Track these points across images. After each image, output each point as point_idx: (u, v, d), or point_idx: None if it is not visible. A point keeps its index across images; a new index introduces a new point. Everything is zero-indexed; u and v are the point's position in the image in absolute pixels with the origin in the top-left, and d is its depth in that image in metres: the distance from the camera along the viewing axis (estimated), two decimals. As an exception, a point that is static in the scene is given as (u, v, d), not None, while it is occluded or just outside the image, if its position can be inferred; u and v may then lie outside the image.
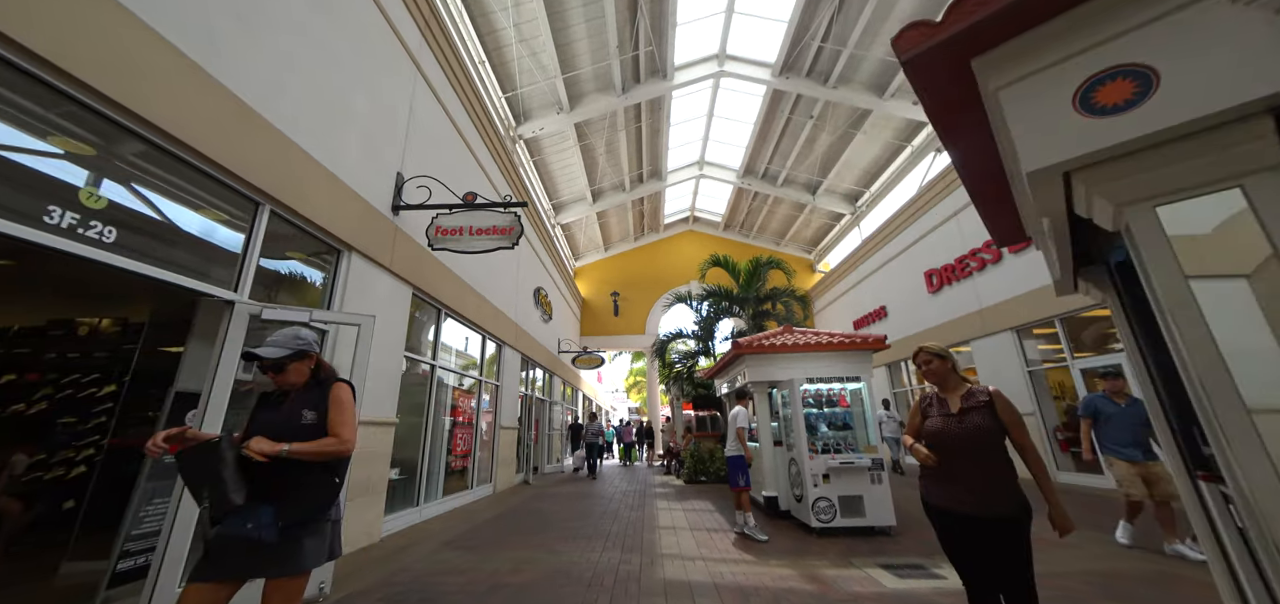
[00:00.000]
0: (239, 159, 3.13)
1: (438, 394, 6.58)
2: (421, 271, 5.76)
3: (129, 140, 2.62)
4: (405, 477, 5.68)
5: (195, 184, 3.04)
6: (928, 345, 2.15)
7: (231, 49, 3.14)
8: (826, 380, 5.38)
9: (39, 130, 2.29)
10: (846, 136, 13.09)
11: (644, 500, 7.52)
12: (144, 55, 2.57)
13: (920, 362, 2.12)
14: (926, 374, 2.11)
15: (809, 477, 4.93)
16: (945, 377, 2.08)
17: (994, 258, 8.98)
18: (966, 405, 1.98)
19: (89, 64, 2.29)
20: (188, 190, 3.02)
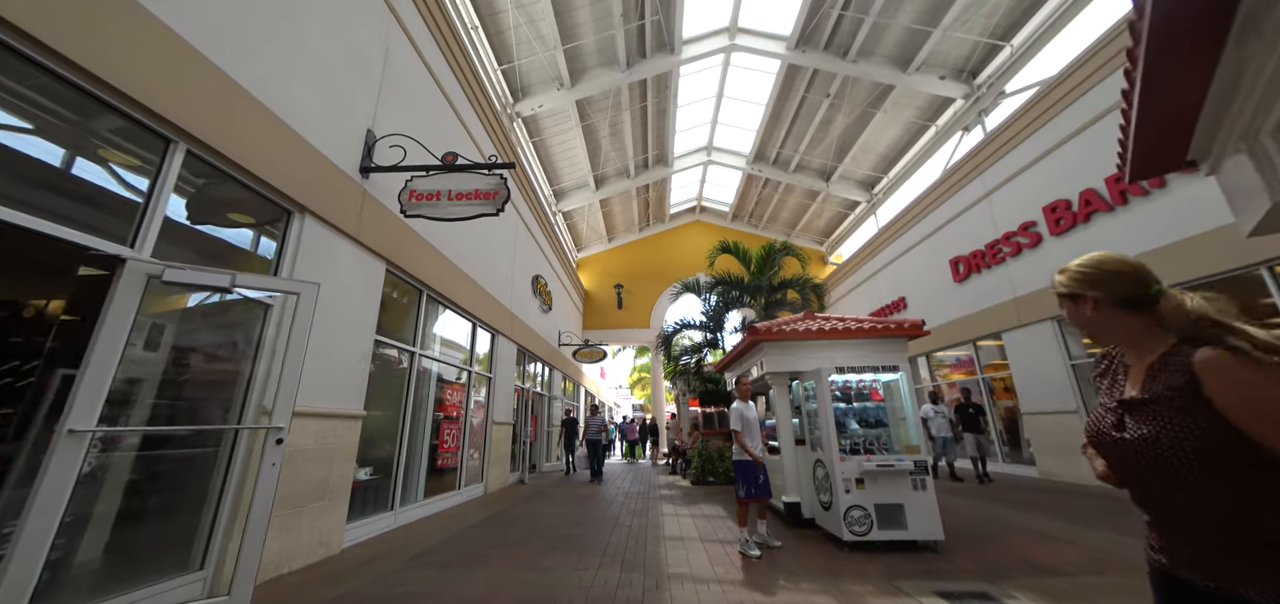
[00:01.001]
0: (138, 81, 2.47)
1: (420, 386, 5.94)
2: (398, 246, 5.10)
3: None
4: (379, 477, 5.04)
5: (79, 111, 2.39)
6: (1087, 260, 1.14)
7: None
8: (858, 370, 4.66)
9: None
10: (865, 117, 12.31)
11: (648, 503, 6.85)
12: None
13: (1068, 287, 1.16)
14: (1077, 319, 1.18)
15: (839, 481, 4.22)
16: (1123, 327, 1.10)
17: (1031, 242, 8.19)
18: (1151, 384, 1.04)
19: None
20: (68, 119, 2.37)
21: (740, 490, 4.19)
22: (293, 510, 3.46)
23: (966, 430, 7.83)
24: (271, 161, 3.35)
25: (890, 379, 4.84)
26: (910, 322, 5.17)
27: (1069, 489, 6.81)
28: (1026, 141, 8.38)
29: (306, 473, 3.62)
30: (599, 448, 10.03)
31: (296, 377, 2.82)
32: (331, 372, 4.02)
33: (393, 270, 5.11)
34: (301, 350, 2.80)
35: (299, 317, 2.79)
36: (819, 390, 4.62)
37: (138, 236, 2.50)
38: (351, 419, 4.21)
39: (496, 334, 8.54)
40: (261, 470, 2.55)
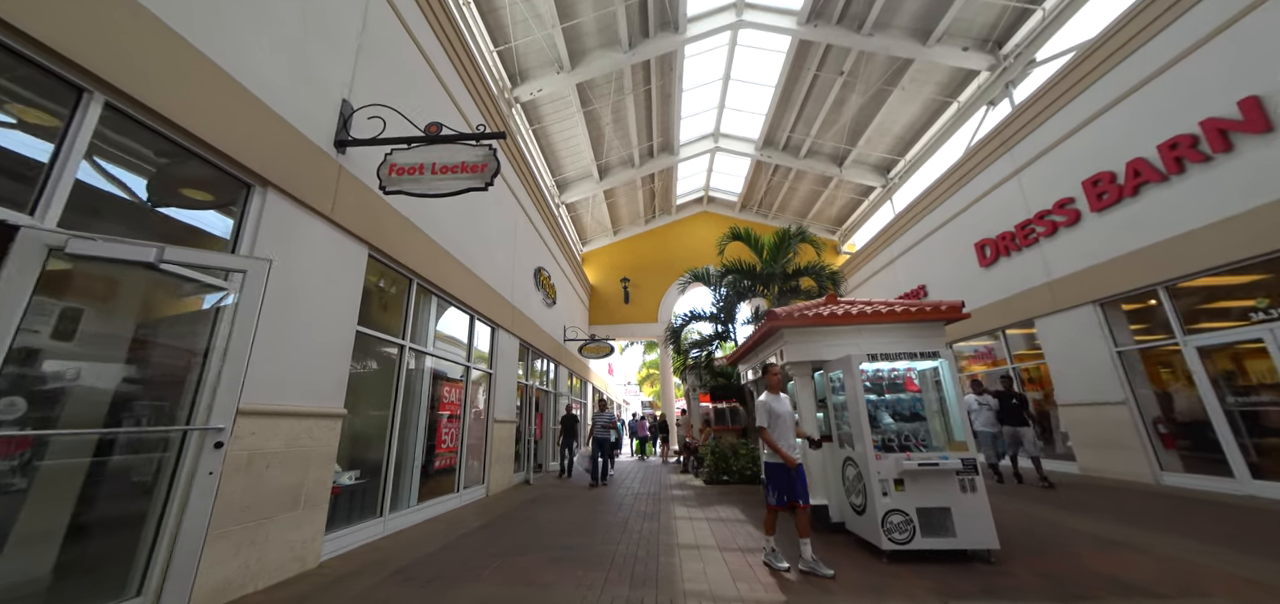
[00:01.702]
0: (37, 18, 2.05)
1: (411, 382, 5.53)
2: (382, 230, 4.68)
3: None
4: (367, 481, 4.63)
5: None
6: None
7: None
8: (893, 357, 4.15)
9: None
10: (881, 96, 11.70)
11: (659, 505, 6.40)
12: None
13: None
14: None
15: (875, 483, 3.73)
16: None
17: (1069, 220, 7.59)
18: None
19: None
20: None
21: (771, 497, 3.63)
22: (257, 522, 3.05)
23: (1008, 423, 6.83)
24: (220, 125, 2.92)
25: (927, 367, 4.34)
26: (948, 303, 4.64)
27: (1114, 486, 6.24)
28: (1062, 112, 7.77)
29: (274, 479, 3.21)
30: (606, 447, 8.89)
31: (241, 370, 2.40)
32: (305, 367, 3.60)
33: (377, 256, 4.69)
34: (247, 338, 2.38)
35: (246, 299, 2.37)
36: (848, 381, 4.12)
37: (39, 203, 2.08)
38: (330, 418, 3.80)
39: (496, 328, 8.12)
40: (195, 480, 2.12)
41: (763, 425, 3.73)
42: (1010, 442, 6.88)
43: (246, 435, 2.98)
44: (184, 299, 2.99)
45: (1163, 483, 6.12)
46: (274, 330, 3.30)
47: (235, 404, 2.39)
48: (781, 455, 3.59)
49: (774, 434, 3.67)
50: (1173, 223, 5.97)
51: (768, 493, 3.67)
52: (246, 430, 2.97)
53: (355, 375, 4.62)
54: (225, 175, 3.10)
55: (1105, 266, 6.97)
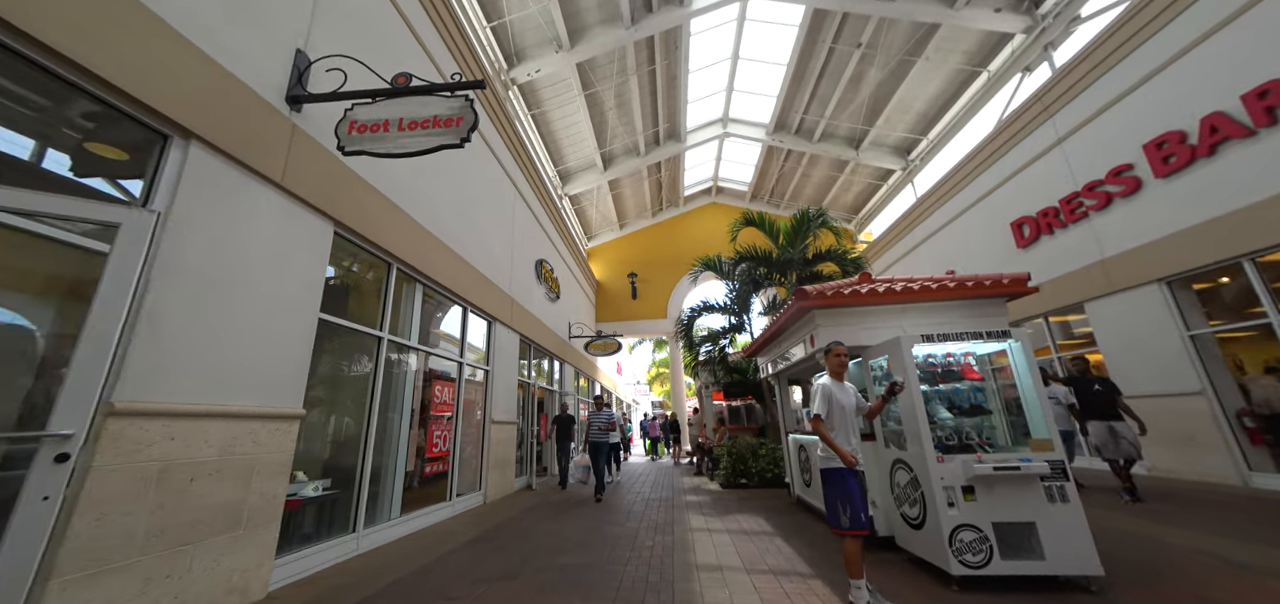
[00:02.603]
0: None
1: (392, 379, 4.95)
2: (354, 206, 4.09)
3: None
4: (337, 492, 4.05)
5: None
6: None
7: None
8: (952, 338, 3.45)
9: None
10: (902, 69, 10.92)
11: (672, 514, 5.74)
12: None
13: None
14: None
15: (937, 491, 3.05)
16: None
17: (1126, 189, 6.78)
18: None
19: None
20: None
21: (843, 518, 2.68)
22: (176, 549, 2.45)
23: (1089, 418, 5.26)
24: (120, 56, 2.33)
25: (993, 349, 3.62)
26: (1010, 276, 3.93)
27: (1196, 490, 5.45)
28: (1116, 69, 6.96)
29: (203, 495, 2.62)
30: (603, 453, 7.17)
31: (106, 358, 1.81)
32: (250, 360, 3.02)
33: (346, 235, 4.10)
34: (118, 314, 1.79)
35: (117, 261, 1.77)
36: (899, 368, 3.43)
37: None
38: (282, 420, 3.21)
39: (494, 322, 7.53)
40: (16, 507, 1.53)
41: (819, 414, 2.86)
42: (1104, 441, 5.08)
43: (159, 441, 2.39)
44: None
45: (1252, 485, 5.32)
46: (203, 315, 2.71)
47: (93, 402, 1.79)
48: (839, 453, 2.74)
49: (833, 430, 2.86)
50: (1262, 184, 5.17)
51: (839, 512, 2.73)
52: (159, 435, 2.38)
53: (322, 371, 4.04)
54: (134, 123, 2.52)
55: (1173, 239, 6.17)
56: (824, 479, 2.88)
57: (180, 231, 2.61)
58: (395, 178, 4.89)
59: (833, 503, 2.78)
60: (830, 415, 2.86)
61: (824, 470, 2.87)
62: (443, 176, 6.12)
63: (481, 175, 7.48)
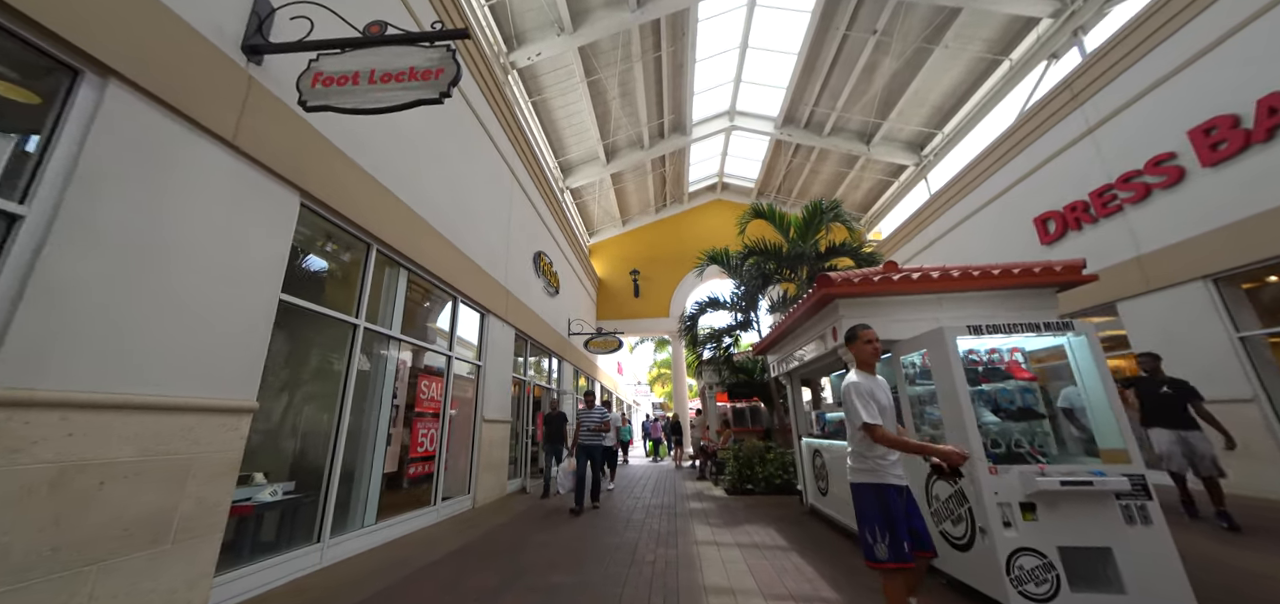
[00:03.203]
0: None
1: (371, 371, 4.52)
2: (325, 177, 3.66)
3: None
4: (300, 497, 3.61)
5: None
6: None
7: None
8: (1008, 329, 2.98)
9: None
10: (919, 58, 10.45)
11: (675, 522, 5.29)
12: None
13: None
14: None
15: (991, 507, 2.58)
16: None
17: (1169, 179, 6.29)
18: None
19: None
20: None
21: (878, 549, 2.14)
22: (75, 570, 2.02)
23: (1154, 425, 4.53)
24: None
25: (1051, 345, 3.16)
26: (1063, 263, 3.47)
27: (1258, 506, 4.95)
28: (1156, 51, 6.49)
29: (117, 502, 2.19)
30: (597, 458, 6.30)
31: None
32: (188, 343, 2.59)
33: (315, 208, 3.67)
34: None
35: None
36: (941, 364, 2.97)
37: None
38: (229, 414, 2.77)
39: (487, 314, 7.10)
40: None
41: (873, 423, 2.19)
42: (1170, 452, 4.37)
43: (53, 439, 1.95)
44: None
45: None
46: (126, 288, 2.28)
47: None
48: (935, 454, 2.15)
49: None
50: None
51: (871, 543, 2.17)
52: (52, 431, 1.95)
53: (284, 359, 3.60)
54: (37, 54, 2.09)
55: (1223, 232, 5.68)
56: (856, 496, 2.38)
57: (95, 187, 2.18)
58: (379, 153, 4.47)
59: (869, 527, 2.23)
60: (879, 416, 2.31)
61: (856, 486, 2.37)
62: (434, 158, 5.70)
63: (477, 159, 7.05)
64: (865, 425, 2.22)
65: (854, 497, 2.35)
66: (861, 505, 2.28)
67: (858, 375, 2.43)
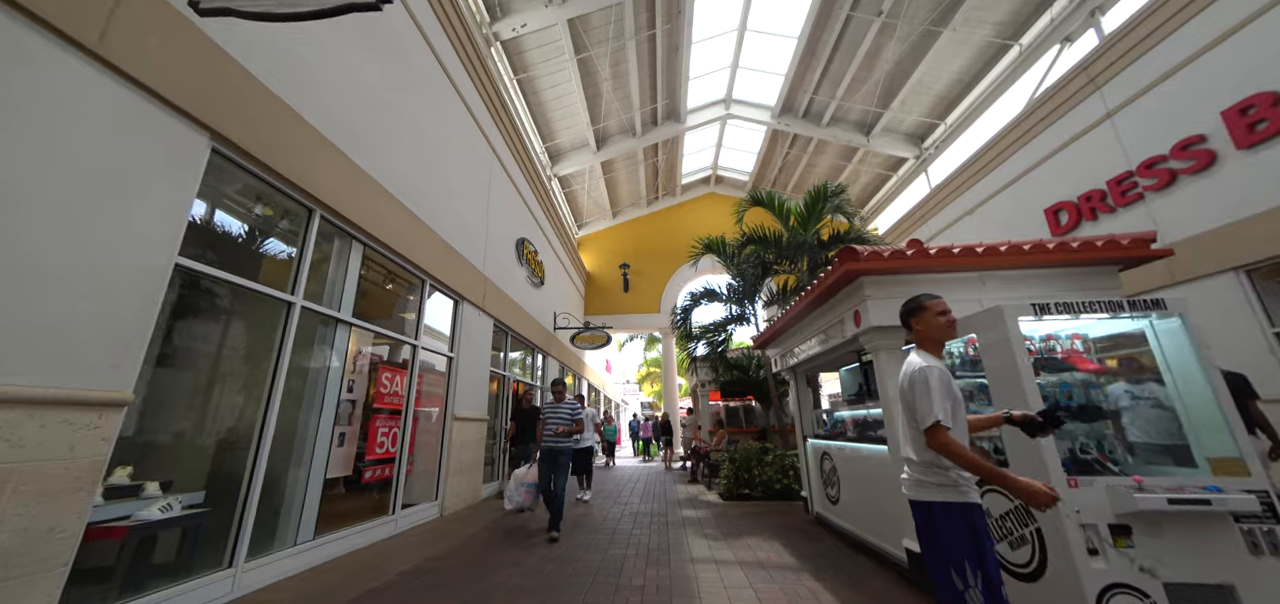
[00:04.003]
0: None
1: (312, 359, 3.85)
2: (250, 120, 2.99)
3: None
4: (205, 513, 2.93)
5: None
6: None
7: None
8: (1086, 308, 2.44)
9: None
10: (924, 43, 10.00)
11: (667, 534, 4.69)
12: None
13: None
14: None
15: (1070, 529, 2.03)
16: None
17: (1198, 163, 5.87)
18: None
19: None
20: None
21: (972, 597, 1.62)
22: None
23: None
24: None
25: (1131, 327, 2.63)
26: (1131, 236, 2.96)
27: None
28: (1183, 29, 6.07)
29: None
30: (561, 466, 4.76)
31: None
32: (29, 312, 1.92)
33: (234, 157, 2.99)
34: None
35: None
36: (998, 353, 2.41)
37: None
38: (83, 408, 2.10)
39: (461, 301, 6.43)
40: None
41: (939, 421, 1.70)
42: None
43: None
44: None
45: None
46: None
47: None
48: (1017, 490, 1.61)
49: (959, 433, 1.77)
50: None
51: (957, 582, 1.63)
52: None
53: (186, 341, 2.93)
54: None
55: (1259, 221, 5.25)
56: (929, 522, 1.78)
57: None
58: (330, 106, 3.81)
59: (955, 565, 1.65)
60: (954, 417, 1.76)
61: (929, 506, 1.77)
62: (401, 122, 5.04)
63: (452, 131, 6.38)
64: (932, 424, 1.65)
65: (924, 522, 1.77)
66: (942, 535, 1.70)
67: (926, 358, 1.86)
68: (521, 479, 4.89)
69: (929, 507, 1.78)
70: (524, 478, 4.89)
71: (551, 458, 4.80)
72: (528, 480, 4.85)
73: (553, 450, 4.81)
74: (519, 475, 4.93)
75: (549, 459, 4.80)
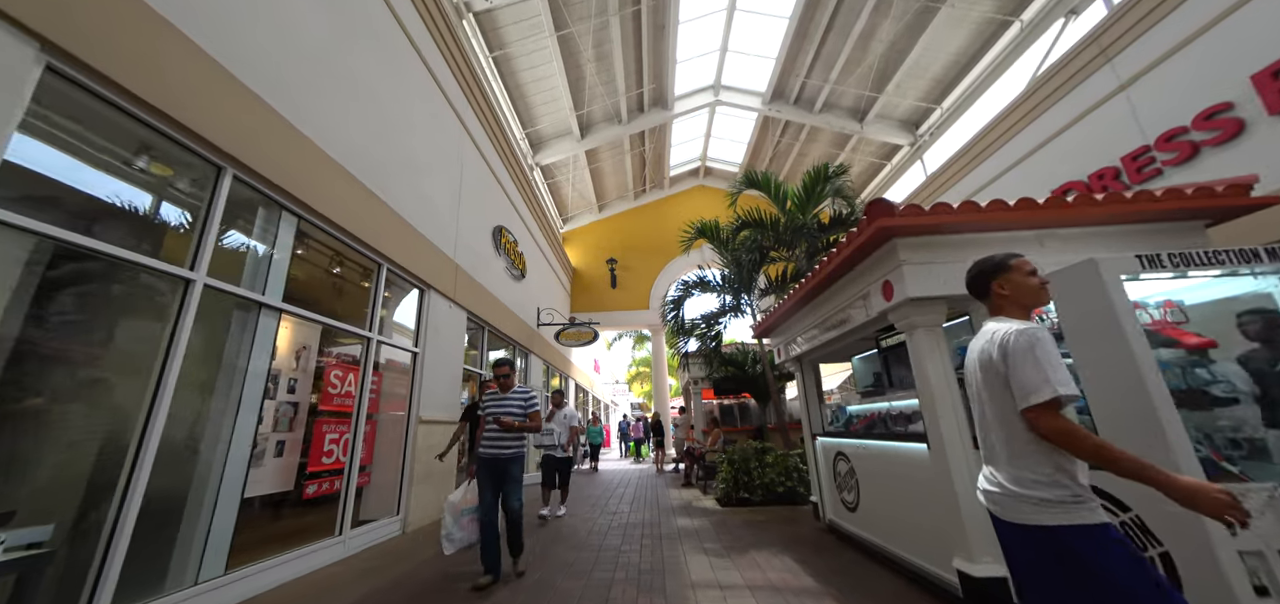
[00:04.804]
0: None
1: (225, 351, 3.15)
2: (103, 28, 2.29)
3: None
4: (46, 555, 2.22)
5: None
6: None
7: None
8: (1207, 261, 1.90)
9: None
10: (921, 21, 9.59)
11: (661, 549, 4.08)
12: None
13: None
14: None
15: (1227, 560, 1.47)
16: None
17: (1225, 133, 5.48)
18: None
19: None
20: None
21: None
22: None
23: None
24: None
25: (1248, 290, 2.11)
26: (1225, 182, 2.45)
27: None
28: (1206, -12, 5.68)
29: None
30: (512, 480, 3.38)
31: None
32: None
33: (84, 80, 2.28)
34: None
35: None
36: (1092, 322, 1.86)
37: None
38: None
39: (427, 290, 5.73)
40: None
41: (1058, 395, 1.21)
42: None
43: None
44: None
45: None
46: None
47: None
48: (1182, 493, 1.10)
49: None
50: None
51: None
52: None
53: (40, 327, 2.22)
54: None
55: (1297, 190, 4.86)
56: (1062, 555, 1.19)
57: None
58: (248, 47, 3.12)
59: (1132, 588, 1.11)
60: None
61: (1081, 531, 1.18)
62: (348, 81, 4.35)
63: (416, 101, 5.69)
64: (1053, 397, 1.19)
65: (1052, 559, 1.20)
66: (1116, 572, 1.13)
67: (1036, 328, 1.31)
68: (459, 506, 3.37)
69: (1059, 534, 1.21)
70: (461, 504, 3.38)
71: (493, 471, 3.29)
72: (468, 505, 3.38)
73: (494, 459, 3.30)
74: (454, 503, 3.38)
75: (490, 473, 3.30)
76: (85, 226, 2.33)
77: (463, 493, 3.42)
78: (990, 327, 1.46)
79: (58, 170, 2.40)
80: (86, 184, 2.52)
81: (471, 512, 3.36)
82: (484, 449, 3.36)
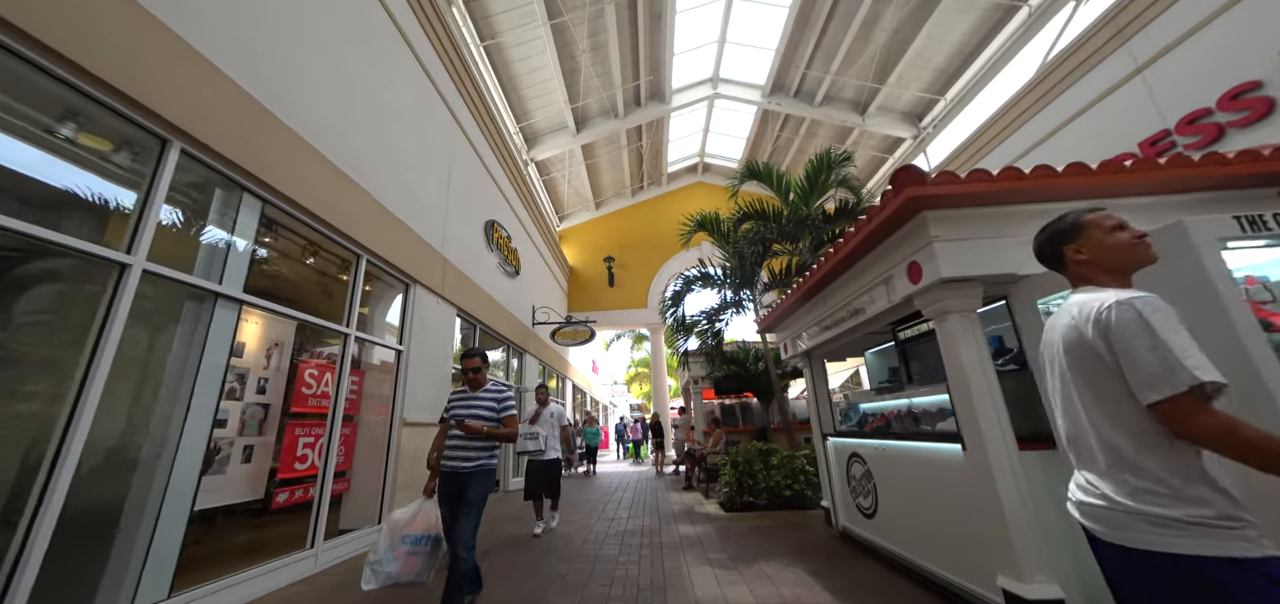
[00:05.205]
0: None
1: (169, 347, 2.82)
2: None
3: None
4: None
5: None
6: None
7: None
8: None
9: None
10: (925, 8, 9.32)
11: (662, 560, 3.75)
12: None
13: None
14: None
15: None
16: None
17: (1252, 114, 5.20)
18: None
19: None
20: None
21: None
22: None
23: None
24: None
25: None
26: (1303, 140, 2.12)
27: None
28: (1230, -38, 5.41)
29: None
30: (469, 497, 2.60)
31: None
32: None
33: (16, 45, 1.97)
34: None
35: None
36: (1186, 286, 1.54)
37: None
38: None
39: (413, 284, 5.41)
40: None
41: (1202, 384, 0.90)
42: None
43: None
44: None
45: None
46: None
47: None
48: None
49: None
50: None
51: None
52: None
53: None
54: None
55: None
56: (1182, 582, 0.89)
57: None
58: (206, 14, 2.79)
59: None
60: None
61: (1174, 557, 0.89)
62: (323, 58, 4.03)
63: (400, 86, 5.37)
64: (1189, 387, 0.91)
65: (1215, 599, 0.88)
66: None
67: (1146, 300, 0.99)
68: (401, 530, 2.55)
69: (1191, 566, 0.90)
70: (405, 527, 2.56)
71: (453, 487, 2.67)
72: (412, 531, 2.56)
73: (452, 475, 2.68)
74: (398, 522, 2.57)
75: (451, 488, 2.67)
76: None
77: (411, 514, 2.61)
78: (1077, 300, 1.16)
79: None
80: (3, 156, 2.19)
81: (415, 543, 2.53)
82: (445, 461, 2.73)
